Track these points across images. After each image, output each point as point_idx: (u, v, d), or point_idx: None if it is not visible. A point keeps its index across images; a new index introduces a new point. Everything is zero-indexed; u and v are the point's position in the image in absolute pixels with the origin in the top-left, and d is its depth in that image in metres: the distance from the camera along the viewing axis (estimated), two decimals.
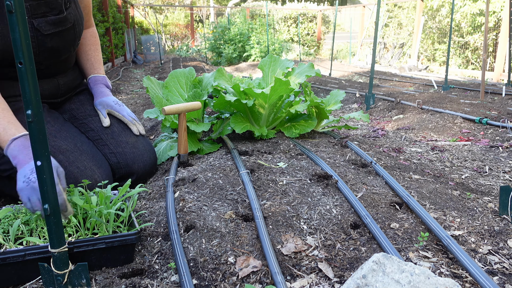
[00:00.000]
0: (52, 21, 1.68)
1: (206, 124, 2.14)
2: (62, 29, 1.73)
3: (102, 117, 1.91)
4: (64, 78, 1.91)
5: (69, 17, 1.76)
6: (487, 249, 1.28)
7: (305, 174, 1.73)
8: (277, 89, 2.07)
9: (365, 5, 12.89)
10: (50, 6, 1.67)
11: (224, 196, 1.55)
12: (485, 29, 4.25)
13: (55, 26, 1.70)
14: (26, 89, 0.86)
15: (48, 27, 1.67)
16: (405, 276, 0.91)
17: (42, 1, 1.64)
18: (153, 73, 8.53)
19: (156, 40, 12.76)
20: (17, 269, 1.11)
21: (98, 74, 2.03)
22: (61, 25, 1.72)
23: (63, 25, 1.74)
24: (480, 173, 2.20)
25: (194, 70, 2.35)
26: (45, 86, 1.82)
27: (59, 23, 1.71)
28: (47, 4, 1.66)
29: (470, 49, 9.56)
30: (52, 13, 1.68)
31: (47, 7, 1.66)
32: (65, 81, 1.92)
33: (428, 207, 1.56)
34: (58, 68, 1.85)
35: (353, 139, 2.48)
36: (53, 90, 1.88)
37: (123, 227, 1.26)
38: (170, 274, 1.17)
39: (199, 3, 22.11)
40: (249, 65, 10.05)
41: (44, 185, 0.93)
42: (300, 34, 14.56)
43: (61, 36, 1.75)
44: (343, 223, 1.39)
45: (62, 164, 1.60)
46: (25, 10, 1.56)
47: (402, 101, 4.22)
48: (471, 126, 3.22)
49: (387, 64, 11.15)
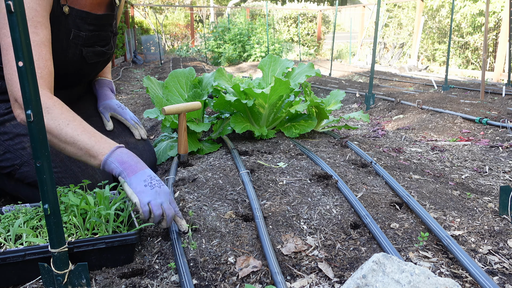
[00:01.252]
0: (98, 52, 1.74)
1: (206, 124, 2.14)
2: (102, 59, 1.80)
3: (105, 121, 1.91)
4: (79, 88, 1.94)
5: (112, 50, 1.84)
6: (487, 249, 1.28)
7: (305, 174, 1.73)
8: (277, 89, 2.07)
9: (365, 5, 12.89)
10: (101, 38, 1.73)
11: (224, 196, 1.55)
12: (485, 29, 4.25)
13: (98, 57, 1.76)
14: (26, 89, 0.86)
15: (93, 57, 1.73)
16: (405, 276, 0.91)
17: (96, 33, 1.69)
18: (153, 73, 8.53)
19: (156, 40, 12.76)
20: (17, 269, 1.11)
21: (105, 78, 2.05)
22: (103, 56, 1.79)
23: (104, 56, 1.81)
24: (480, 173, 2.20)
25: (194, 70, 2.35)
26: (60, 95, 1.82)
27: (103, 54, 1.78)
28: (99, 36, 1.72)
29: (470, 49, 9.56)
30: (100, 44, 1.74)
31: (98, 38, 1.72)
32: (79, 90, 1.95)
33: (428, 207, 1.56)
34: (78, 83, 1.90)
35: (353, 139, 2.48)
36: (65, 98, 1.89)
37: (123, 227, 1.26)
38: (170, 274, 1.17)
39: (199, 3, 22.11)
40: (249, 65, 10.05)
41: (44, 185, 0.93)
42: (300, 34, 14.56)
43: (100, 64, 1.82)
44: (343, 223, 1.39)
45: (63, 163, 1.60)
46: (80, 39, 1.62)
47: (402, 101, 4.22)
48: (471, 126, 3.22)
49: (387, 64, 11.15)
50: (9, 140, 1.60)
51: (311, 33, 15.43)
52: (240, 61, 11.39)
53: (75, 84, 1.86)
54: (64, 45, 1.60)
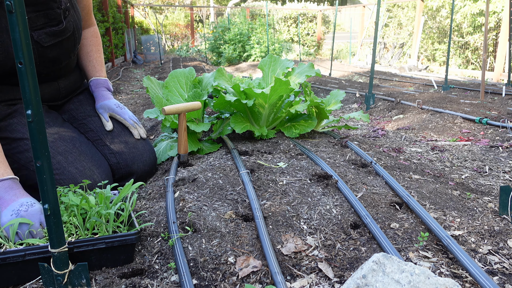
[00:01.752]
0: (52, 32, 1.66)
1: (206, 124, 2.14)
2: (61, 38, 1.71)
3: (104, 121, 1.90)
4: (65, 81, 1.90)
5: (69, 26, 1.73)
6: (487, 249, 1.28)
7: (305, 174, 1.73)
8: (277, 89, 2.07)
9: (365, 5, 12.89)
10: (49, 17, 1.64)
11: (224, 196, 1.55)
12: (485, 29, 4.25)
13: (55, 37, 1.68)
14: (26, 89, 0.86)
15: (48, 39, 1.65)
16: (405, 276, 0.91)
17: (41, 13, 1.60)
18: (153, 73, 8.53)
19: (156, 40, 12.76)
20: (17, 269, 1.11)
21: (100, 76, 2.00)
22: (61, 35, 1.70)
23: (63, 35, 1.71)
24: (480, 173, 2.20)
25: (194, 70, 2.35)
26: (45, 90, 1.81)
27: (59, 33, 1.69)
28: (46, 15, 1.63)
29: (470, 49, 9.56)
30: (51, 23, 1.65)
31: (46, 18, 1.63)
32: (66, 84, 1.91)
33: (428, 207, 1.56)
34: (59, 73, 1.85)
35: (353, 139, 2.48)
36: (54, 94, 1.88)
37: (123, 227, 1.26)
38: (170, 274, 1.17)
39: (199, 3, 22.11)
40: (249, 65, 10.05)
41: (44, 185, 0.93)
42: (300, 34, 14.56)
43: (61, 45, 1.73)
44: (343, 223, 1.39)
45: (60, 165, 1.59)
46: None
47: (402, 101, 4.22)
48: (471, 126, 3.22)
49: (387, 64, 11.15)
50: (6, 145, 1.60)
51: (311, 33, 15.43)
52: (240, 61, 11.39)
53: (53, 75, 1.81)
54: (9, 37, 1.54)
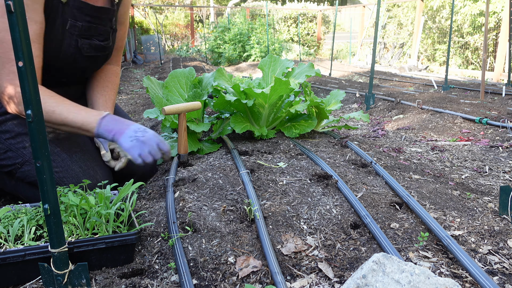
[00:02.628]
0: (95, 45, 1.72)
1: (206, 124, 2.14)
2: (99, 54, 1.77)
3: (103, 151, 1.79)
4: (75, 87, 1.92)
5: (111, 45, 1.82)
6: (487, 249, 1.28)
7: (305, 174, 1.73)
8: (277, 89, 2.07)
9: (365, 5, 12.89)
10: (99, 32, 1.72)
11: (224, 196, 1.55)
12: (485, 29, 4.25)
13: (95, 51, 1.74)
14: (26, 89, 0.86)
15: (89, 50, 1.71)
16: (405, 276, 0.91)
17: (93, 25, 1.68)
18: (153, 73, 8.53)
19: (156, 40, 12.75)
20: (17, 269, 1.11)
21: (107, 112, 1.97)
22: (101, 50, 1.77)
23: (103, 51, 1.78)
24: (480, 173, 2.20)
25: (194, 70, 2.35)
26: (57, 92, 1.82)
27: (101, 49, 1.76)
28: (97, 29, 1.70)
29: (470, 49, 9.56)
30: (98, 38, 1.72)
31: (96, 31, 1.70)
32: (77, 90, 1.93)
33: (428, 207, 1.56)
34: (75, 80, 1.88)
35: (353, 139, 2.48)
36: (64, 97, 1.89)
37: (123, 227, 1.26)
38: (170, 274, 1.17)
39: (199, 3, 22.11)
40: (249, 65, 10.05)
41: (44, 185, 0.93)
42: (300, 34, 14.56)
43: (96, 60, 1.79)
44: (343, 223, 1.39)
45: (65, 162, 1.61)
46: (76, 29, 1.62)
47: (402, 101, 4.22)
48: (471, 126, 3.22)
49: (387, 64, 11.15)
50: (10, 138, 1.60)
51: (311, 33, 15.43)
52: (240, 61, 11.39)
53: (72, 81, 1.84)
54: (60, 35, 1.60)
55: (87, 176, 1.62)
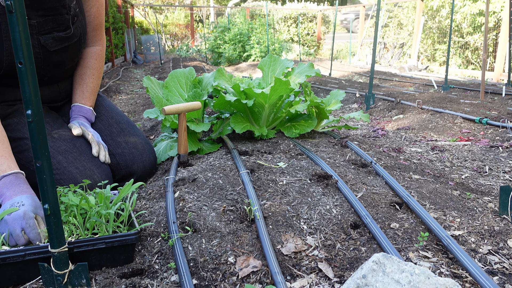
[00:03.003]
0: (59, 37, 1.66)
1: (206, 124, 2.14)
2: (68, 44, 1.71)
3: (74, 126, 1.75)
4: (64, 83, 1.89)
5: (76, 32, 1.73)
6: (487, 249, 1.28)
7: (305, 174, 1.73)
8: (277, 89, 2.07)
9: (365, 5, 12.89)
10: (58, 22, 1.64)
11: (224, 196, 1.55)
12: (485, 29, 4.25)
13: (61, 42, 1.67)
14: (26, 89, 0.86)
15: (54, 44, 1.65)
16: (405, 276, 0.91)
17: (50, 18, 1.60)
18: (153, 73, 8.53)
19: (156, 40, 12.75)
20: (17, 269, 1.11)
21: (85, 105, 1.87)
22: (67, 40, 1.70)
23: (70, 40, 1.71)
24: (480, 173, 2.20)
25: (194, 70, 2.35)
26: (46, 92, 1.81)
27: (66, 39, 1.69)
28: (54, 21, 1.62)
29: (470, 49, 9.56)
30: (59, 29, 1.65)
31: (54, 23, 1.63)
32: (66, 85, 1.90)
33: (428, 207, 1.56)
34: (60, 76, 1.84)
35: (353, 139, 2.48)
36: (54, 95, 1.87)
37: (123, 227, 1.26)
38: (170, 274, 1.17)
39: (199, 3, 22.11)
40: (249, 65, 10.05)
41: (44, 185, 0.93)
42: (300, 34, 14.56)
43: (67, 50, 1.73)
44: (343, 223, 1.39)
45: (61, 164, 1.59)
46: (32, 27, 1.53)
47: (402, 101, 4.22)
48: (471, 126, 3.22)
49: (387, 64, 11.15)
50: None
51: (311, 33, 15.43)
52: (240, 61, 11.39)
53: (56, 78, 1.81)
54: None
55: (84, 176, 1.60)
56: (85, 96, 1.86)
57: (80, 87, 1.87)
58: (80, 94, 1.86)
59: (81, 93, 1.86)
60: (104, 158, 1.74)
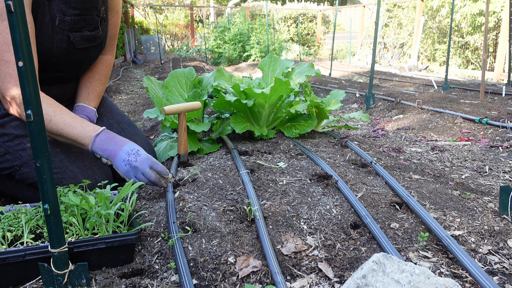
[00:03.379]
0: (87, 36, 1.73)
1: (206, 124, 2.14)
2: (92, 45, 1.77)
3: None
4: (72, 85, 1.91)
5: (102, 34, 1.81)
6: (487, 249, 1.28)
7: (305, 174, 1.73)
8: (277, 89, 2.07)
9: (365, 5, 12.89)
10: (88, 22, 1.71)
11: (224, 196, 1.55)
12: (485, 29, 4.25)
13: (87, 42, 1.74)
14: (26, 89, 0.86)
15: (82, 42, 1.71)
16: (405, 276, 0.91)
17: (82, 17, 1.68)
18: (153, 73, 8.53)
19: (156, 40, 12.76)
20: (17, 269, 1.11)
21: (88, 105, 1.89)
22: (93, 41, 1.77)
23: (95, 42, 1.78)
24: (480, 173, 2.20)
25: (194, 70, 2.35)
26: (54, 91, 1.80)
27: (93, 39, 1.76)
28: (85, 20, 1.70)
29: (470, 49, 9.56)
30: (87, 28, 1.72)
31: (85, 23, 1.70)
32: (73, 87, 1.92)
33: (428, 207, 1.56)
34: (75, 75, 1.87)
35: (353, 139, 2.48)
36: (61, 95, 1.87)
37: (123, 227, 1.26)
38: (170, 274, 1.17)
39: (199, 3, 22.11)
40: (249, 65, 10.05)
41: (44, 185, 0.93)
42: (300, 34, 14.56)
43: (89, 50, 1.79)
44: (343, 223, 1.39)
45: (63, 163, 1.60)
46: (65, 24, 1.62)
47: (402, 101, 4.22)
48: (471, 126, 3.22)
49: (387, 64, 11.15)
50: (9, 141, 1.60)
51: (311, 33, 15.43)
52: (240, 61, 11.39)
53: (70, 76, 1.83)
54: (51, 32, 1.60)
55: (85, 176, 1.61)
56: (90, 98, 1.90)
57: (86, 89, 1.91)
58: (85, 95, 1.90)
59: (87, 95, 1.90)
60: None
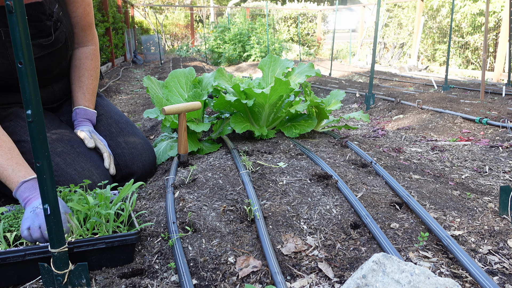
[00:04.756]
0: (41, 44, 1.64)
1: (206, 124, 2.14)
2: (52, 50, 1.69)
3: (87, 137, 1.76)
4: (59, 84, 1.88)
5: (60, 37, 1.70)
6: (487, 249, 1.28)
7: (305, 174, 1.73)
8: (277, 89, 2.07)
9: (365, 5, 12.89)
10: (38, 29, 1.61)
11: (224, 196, 1.55)
12: (485, 29, 4.25)
13: (44, 49, 1.65)
14: (26, 89, 0.86)
15: (37, 51, 1.63)
16: (405, 276, 0.91)
17: (30, 25, 1.56)
18: (153, 73, 8.53)
19: (156, 40, 12.76)
20: (17, 269, 1.11)
21: (88, 107, 1.88)
22: (50, 47, 1.68)
23: (53, 47, 1.69)
24: (480, 173, 2.20)
25: (194, 70, 2.35)
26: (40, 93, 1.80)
27: (49, 46, 1.67)
28: (35, 27, 1.60)
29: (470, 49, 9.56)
30: (40, 35, 1.63)
31: (35, 30, 1.60)
32: (60, 87, 1.88)
33: (428, 207, 1.56)
34: (51, 78, 1.82)
35: (353, 139, 2.48)
36: (49, 97, 1.86)
37: (123, 227, 1.26)
38: (170, 274, 1.17)
39: (199, 3, 22.11)
40: (249, 65, 10.04)
41: (44, 185, 0.93)
42: (300, 34, 14.56)
43: (52, 56, 1.71)
44: (343, 223, 1.39)
45: (59, 166, 1.59)
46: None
47: (402, 101, 4.22)
48: (471, 126, 3.22)
49: (387, 64, 11.15)
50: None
51: (311, 33, 15.43)
52: (240, 61, 11.39)
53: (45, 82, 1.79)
54: (1, 48, 1.54)
55: (83, 177, 1.60)
56: (87, 98, 1.86)
57: (80, 90, 1.87)
58: (81, 96, 1.86)
59: (83, 95, 1.86)
60: (113, 171, 1.76)
